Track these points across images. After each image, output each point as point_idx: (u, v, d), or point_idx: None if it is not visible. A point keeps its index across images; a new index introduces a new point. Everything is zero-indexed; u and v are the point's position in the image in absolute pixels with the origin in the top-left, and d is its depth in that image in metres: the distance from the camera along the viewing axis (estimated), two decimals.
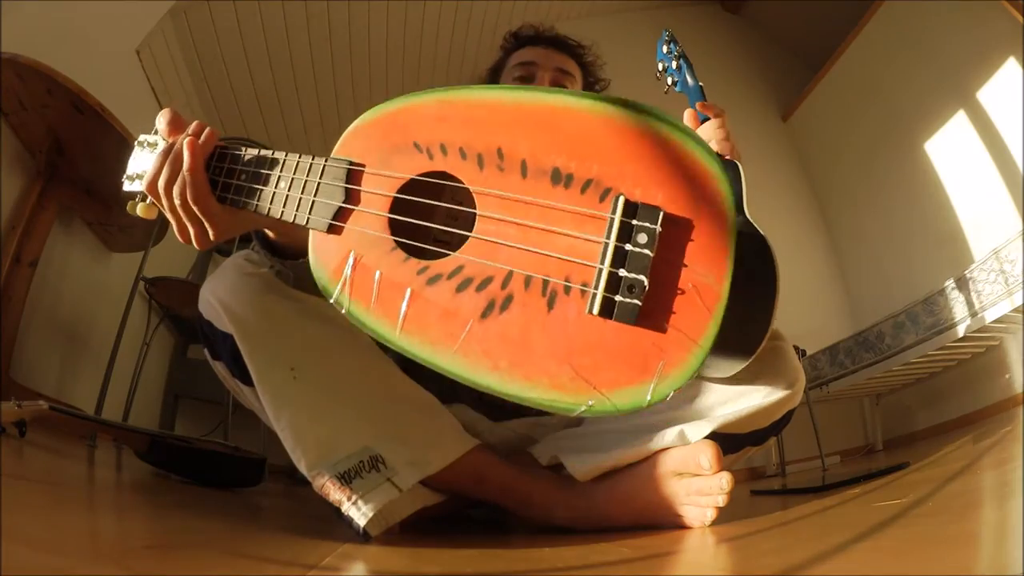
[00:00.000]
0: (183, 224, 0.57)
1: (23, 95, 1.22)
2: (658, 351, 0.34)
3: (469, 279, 0.37)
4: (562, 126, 0.37)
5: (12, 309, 1.26)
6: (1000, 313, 1.82)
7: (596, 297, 0.34)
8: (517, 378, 0.36)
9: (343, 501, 0.56)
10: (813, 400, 2.00)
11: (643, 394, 0.36)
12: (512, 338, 0.35)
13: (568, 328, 0.35)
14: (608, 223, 0.35)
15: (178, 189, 0.54)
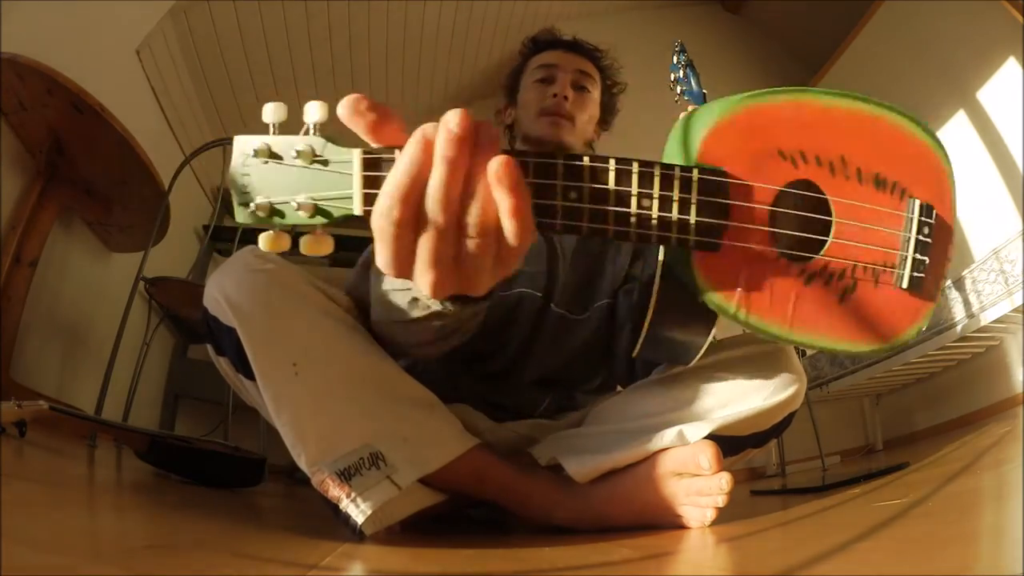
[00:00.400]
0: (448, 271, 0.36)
1: (23, 95, 1.22)
2: (925, 305, 0.48)
3: (832, 274, 0.46)
4: (879, 135, 0.47)
5: (12, 309, 1.26)
6: (1000, 313, 1.82)
7: (904, 277, 0.47)
8: (873, 341, 0.47)
9: (342, 498, 0.56)
10: (813, 400, 2.00)
11: (913, 332, 0.48)
12: (865, 315, 0.46)
13: (882, 298, 0.47)
14: (906, 221, 0.47)
15: (480, 206, 0.34)
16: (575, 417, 0.80)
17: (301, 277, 0.64)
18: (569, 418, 0.81)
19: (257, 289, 0.60)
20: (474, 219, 0.34)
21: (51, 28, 1.38)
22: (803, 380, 0.66)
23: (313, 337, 0.60)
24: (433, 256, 0.35)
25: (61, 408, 0.96)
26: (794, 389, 0.65)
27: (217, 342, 0.63)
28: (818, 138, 0.45)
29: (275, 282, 0.61)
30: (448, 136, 0.33)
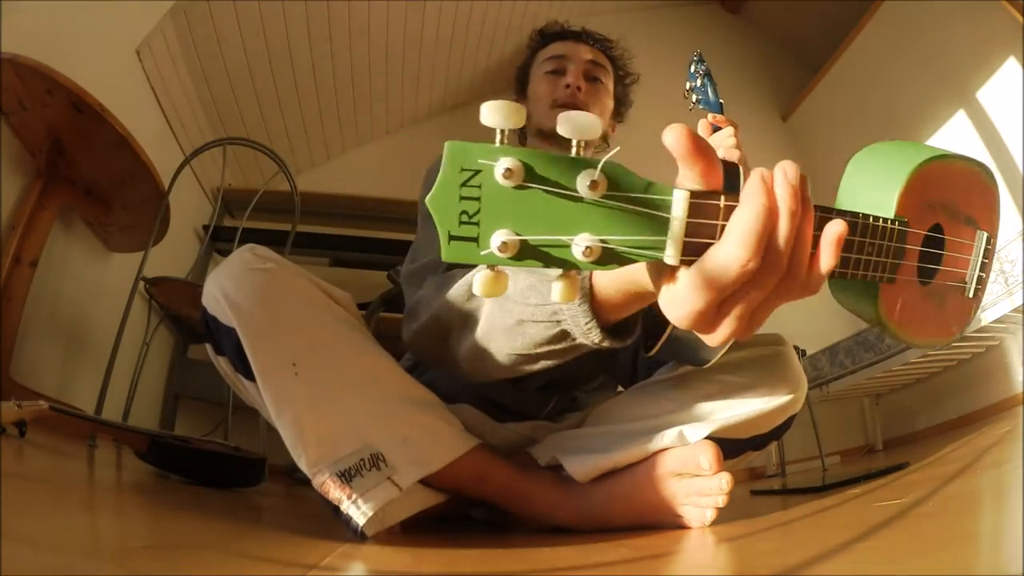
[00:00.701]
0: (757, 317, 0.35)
1: (23, 95, 1.22)
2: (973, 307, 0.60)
3: (935, 294, 0.56)
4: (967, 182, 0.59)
5: (12, 309, 1.26)
6: (1000, 313, 1.82)
7: (971, 289, 0.57)
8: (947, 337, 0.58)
9: (342, 499, 0.56)
10: (813, 400, 2.00)
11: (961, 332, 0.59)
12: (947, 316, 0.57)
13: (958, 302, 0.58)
14: (976, 250, 0.57)
15: (799, 259, 0.34)
16: (576, 418, 0.80)
17: (301, 276, 0.63)
18: (571, 419, 0.81)
19: (257, 288, 0.59)
20: (795, 270, 0.34)
21: (51, 28, 1.38)
22: (804, 384, 0.66)
23: (313, 337, 0.60)
24: (752, 306, 0.33)
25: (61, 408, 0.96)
26: (795, 392, 0.65)
27: (216, 342, 0.63)
28: (946, 191, 0.57)
29: (275, 281, 0.61)
30: (792, 190, 0.33)
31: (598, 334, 0.46)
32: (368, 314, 1.60)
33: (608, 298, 0.45)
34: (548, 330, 0.49)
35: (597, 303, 0.45)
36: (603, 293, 0.45)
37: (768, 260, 0.32)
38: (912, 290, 0.53)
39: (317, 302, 0.62)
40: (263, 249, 0.64)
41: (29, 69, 1.16)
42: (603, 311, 0.46)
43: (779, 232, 0.32)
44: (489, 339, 0.55)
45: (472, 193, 0.29)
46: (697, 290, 0.32)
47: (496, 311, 0.53)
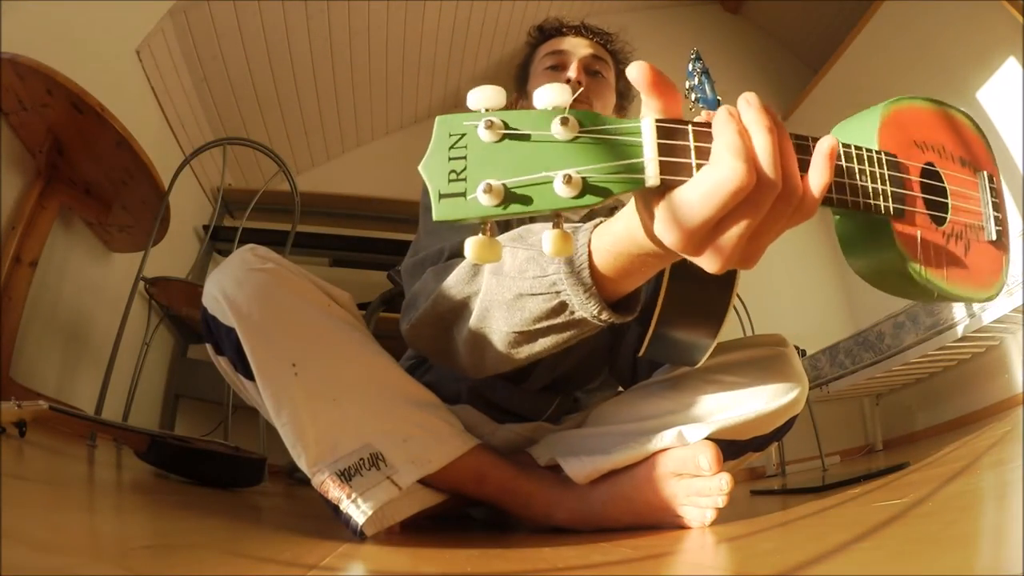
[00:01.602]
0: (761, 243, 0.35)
1: (23, 95, 1.22)
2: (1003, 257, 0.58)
3: (957, 235, 0.54)
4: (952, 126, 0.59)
5: (12, 309, 1.26)
6: (1000, 313, 1.82)
7: (992, 231, 0.56)
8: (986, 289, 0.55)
9: (342, 499, 0.56)
10: (813, 400, 2.00)
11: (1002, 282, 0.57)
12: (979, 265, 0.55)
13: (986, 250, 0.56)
14: (982, 188, 0.57)
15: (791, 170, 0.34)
16: (576, 418, 0.80)
17: (301, 276, 0.63)
18: (571, 420, 0.81)
19: (257, 288, 0.59)
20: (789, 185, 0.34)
21: (51, 28, 1.38)
22: (805, 384, 0.66)
23: (313, 337, 0.60)
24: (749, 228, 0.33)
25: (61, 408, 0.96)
26: (796, 393, 0.65)
27: (216, 342, 0.63)
28: (928, 131, 0.57)
29: (275, 281, 0.61)
30: (760, 110, 0.34)
31: (596, 304, 0.46)
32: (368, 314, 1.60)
33: (607, 265, 0.44)
34: (547, 302, 0.48)
35: (596, 272, 0.45)
36: (601, 260, 0.44)
37: (761, 177, 0.32)
38: (929, 230, 0.52)
39: (317, 302, 0.62)
40: (263, 249, 0.64)
41: (29, 69, 1.16)
42: (603, 282, 0.45)
43: (762, 147, 0.32)
44: (488, 318, 0.54)
45: (459, 153, 0.32)
46: (692, 206, 0.32)
47: (495, 287, 0.52)
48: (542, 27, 1.00)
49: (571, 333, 0.51)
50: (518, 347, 0.54)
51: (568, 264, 0.46)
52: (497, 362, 0.58)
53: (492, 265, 0.53)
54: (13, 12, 1.23)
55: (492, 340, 0.55)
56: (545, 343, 0.53)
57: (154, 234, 1.51)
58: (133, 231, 1.62)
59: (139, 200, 1.51)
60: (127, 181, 1.44)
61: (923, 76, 2.56)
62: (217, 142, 1.90)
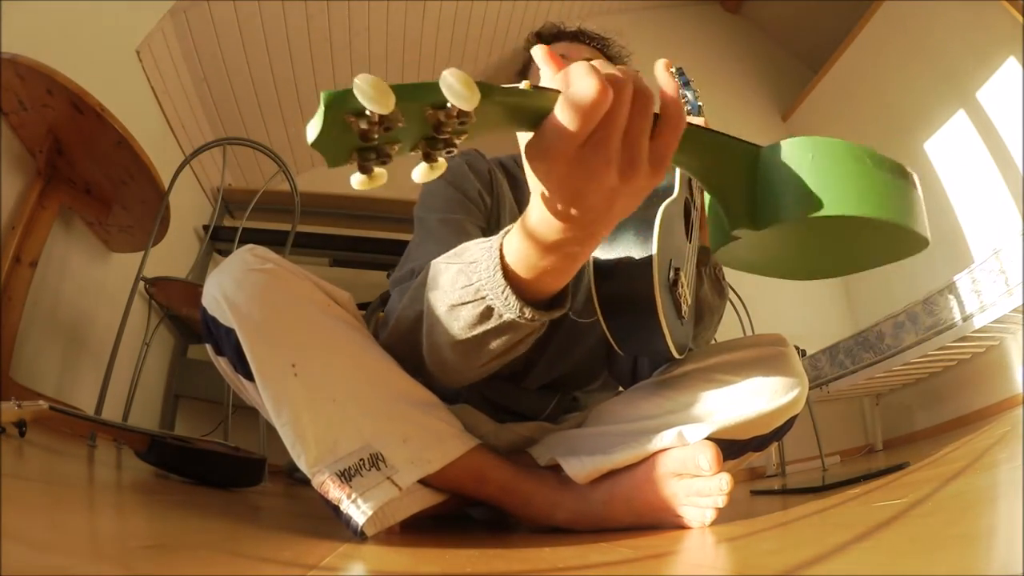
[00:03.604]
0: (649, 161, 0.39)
1: (23, 95, 1.22)
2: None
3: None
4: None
5: (12, 309, 1.26)
6: (1000, 313, 1.82)
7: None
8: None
9: (342, 499, 0.56)
10: (813, 400, 2.01)
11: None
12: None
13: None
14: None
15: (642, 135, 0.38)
16: (577, 418, 0.80)
17: (301, 276, 0.63)
18: (571, 419, 0.81)
19: (256, 288, 0.59)
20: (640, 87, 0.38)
21: (51, 28, 1.38)
22: (805, 384, 0.66)
23: (312, 337, 0.60)
24: (615, 139, 0.37)
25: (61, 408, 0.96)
26: (796, 393, 0.65)
27: (216, 342, 0.63)
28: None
29: (274, 281, 0.60)
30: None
31: (517, 303, 0.48)
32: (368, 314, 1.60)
33: (518, 264, 0.47)
34: (475, 309, 0.51)
35: (510, 273, 0.48)
36: (513, 260, 0.47)
37: (615, 84, 0.36)
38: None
39: (317, 302, 0.62)
40: (263, 249, 0.64)
41: (29, 69, 1.16)
42: (519, 282, 0.48)
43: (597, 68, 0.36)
44: (434, 332, 0.57)
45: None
46: (558, 126, 0.36)
47: (433, 302, 0.55)
48: (540, 33, 1.00)
49: (510, 336, 0.52)
50: (468, 356, 0.56)
51: (488, 270, 0.49)
52: (461, 371, 0.60)
53: (431, 281, 0.56)
54: (13, 12, 1.23)
55: (444, 353, 0.58)
56: (493, 349, 0.54)
57: (154, 234, 1.51)
58: (133, 231, 1.62)
59: (139, 200, 1.51)
60: (127, 181, 1.44)
61: (923, 76, 2.56)
62: (217, 142, 1.90)
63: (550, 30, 0.99)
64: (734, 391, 0.64)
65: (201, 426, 1.94)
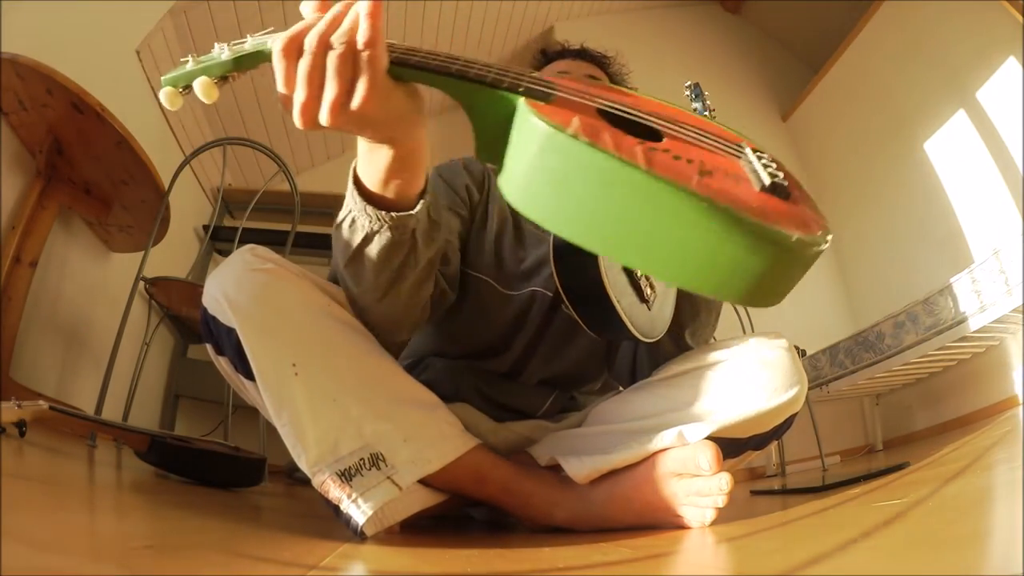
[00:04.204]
0: (318, 87, 0.45)
1: (23, 95, 1.22)
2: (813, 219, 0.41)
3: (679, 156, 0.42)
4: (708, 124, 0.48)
5: (12, 309, 1.26)
6: (1000, 313, 1.82)
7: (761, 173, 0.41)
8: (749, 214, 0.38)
9: (342, 499, 0.56)
10: (813, 400, 2.00)
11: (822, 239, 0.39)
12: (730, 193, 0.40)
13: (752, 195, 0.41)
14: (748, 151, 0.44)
15: (344, 34, 0.44)
16: (576, 418, 0.80)
17: (302, 276, 0.63)
18: (570, 419, 0.81)
19: (257, 288, 0.59)
20: (339, 36, 0.44)
21: (51, 28, 1.38)
22: (804, 382, 0.66)
23: (313, 337, 0.60)
24: (320, 58, 0.45)
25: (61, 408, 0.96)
26: (795, 391, 0.65)
27: (217, 342, 0.63)
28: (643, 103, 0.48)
29: (275, 281, 0.61)
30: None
31: (365, 205, 0.55)
32: None
33: (364, 178, 0.55)
34: (348, 226, 0.57)
35: (361, 186, 0.55)
36: (360, 175, 0.55)
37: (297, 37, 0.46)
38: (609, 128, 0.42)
39: (317, 302, 0.62)
40: (263, 249, 0.64)
41: (29, 69, 1.16)
42: (370, 194, 0.55)
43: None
44: (337, 269, 0.63)
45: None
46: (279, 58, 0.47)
47: (333, 242, 0.62)
48: (545, 51, 1.04)
49: (381, 244, 0.57)
50: (359, 277, 0.61)
51: (350, 192, 0.56)
52: (368, 303, 0.63)
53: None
54: (13, 12, 1.23)
55: (347, 285, 0.63)
56: (374, 260, 0.58)
57: (154, 234, 1.51)
58: (133, 231, 1.62)
59: (139, 200, 1.51)
60: (127, 181, 1.44)
61: (923, 76, 2.56)
62: (217, 142, 1.90)
63: (555, 48, 1.04)
64: (734, 390, 0.64)
65: (201, 426, 1.94)
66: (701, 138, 0.46)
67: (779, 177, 0.41)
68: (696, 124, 0.48)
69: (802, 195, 0.44)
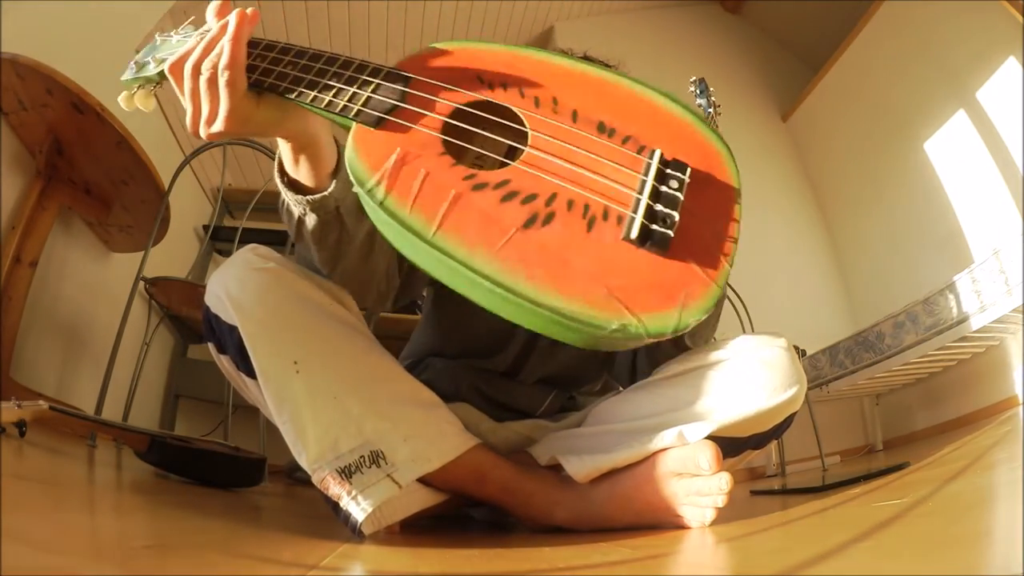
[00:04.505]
0: (199, 105, 0.52)
1: (23, 95, 1.22)
2: (682, 283, 0.37)
3: (515, 192, 0.38)
4: (611, 93, 0.43)
5: (12, 309, 1.26)
6: (1000, 313, 1.82)
7: (635, 222, 0.37)
8: (552, 289, 0.35)
9: (342, 496, 0.56)
10: (813, 400, 2.00)
11: (668, 320, 0.36)
12: (551, 251, 0.36)
13: (605, 251, 0.37)
14: (645, 166, 0.39)
15: (210, 61, 0.51)
16: (576, 417, 0.80)
17: (303, 276, 0.64)
18: (570, 418, 0.81)
19: (259, 287, 0.60)
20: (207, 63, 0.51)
21: (51, 28, 1.38)
22: (804, 381, 0.66)
23: (314, 335, 0.60)
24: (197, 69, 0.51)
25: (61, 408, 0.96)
26: (795, 390, 0.65)
27: (219, 340, 0.63)
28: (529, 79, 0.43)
29: (277, 280, 0.61)
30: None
31: (286, 190, 0.60)
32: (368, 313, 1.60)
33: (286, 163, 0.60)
34: (287, 211, 0.62)
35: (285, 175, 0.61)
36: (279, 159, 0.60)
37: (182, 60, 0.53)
38: (430, 157, 0.40)
39: (318, 301, 0.63)
40: (265, 249, 0.64)
41: (29, 69, 1.16)
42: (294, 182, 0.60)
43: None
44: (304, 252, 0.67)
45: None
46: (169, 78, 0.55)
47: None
48: None
49: (312, 226, 0.61)
50: (308, 252, 0.65)
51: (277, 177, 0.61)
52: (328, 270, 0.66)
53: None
54: (13, 12, 1.23)
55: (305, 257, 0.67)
56: (309, 239, 0.62)
57: (154, 234, 1.51)
58: (133, 231, 1.62)
59: (139, 200, 1.51)
60: (127, 181, 1.44)
61: (923, 76, 2.56)
62: (217, 142, 1.90)
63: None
64: (733, 389, 0.64)
65: (201, 426, 1.94)
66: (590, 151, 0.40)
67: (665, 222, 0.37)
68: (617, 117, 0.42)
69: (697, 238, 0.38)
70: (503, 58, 0.45)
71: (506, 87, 0.43)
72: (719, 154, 0.42)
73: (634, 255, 0.37)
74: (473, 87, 0.43)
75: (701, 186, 0.40)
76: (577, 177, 0.39)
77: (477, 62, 0.45)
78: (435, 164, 0.40)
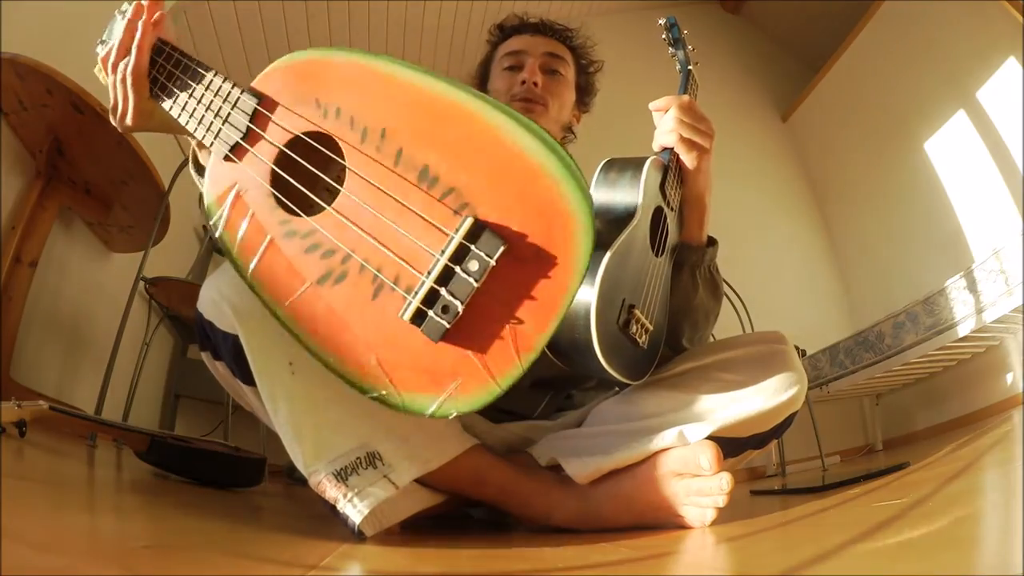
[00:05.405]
0: (117, 99, 0.61)
1: (23, 95, 1.22)
2: (454, 374, 0.35)
3: (317, 245, 0.38)
4: (453, 127, 0.36)
5: (12, 309, 1.26)
6: (1000, 313, 1.82)
7: (411, 306, 0.36)
8: (329, 350, 0.37)
9: (339, 498, 0.56)
10: (813, 400, 2.00)
11: (428, 405, 0.36)
12: (336, 312, 0.37)
13: (384, 321, 0.36)
14: (448, 240, 0.35)
15: (123, 64, 0.60)
16: (573, 417, 0.80)
17: None
18: (568, 417, 0.81)
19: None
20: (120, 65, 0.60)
21: (51, 28, 1.38)
22: (804, 381, 0.66)
23: None
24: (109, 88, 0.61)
25: (61, 408, 0.96)
26: (795, 390, 0.65)
27: (213, 347, 0.63)
28: (363, 102, 0.39)
29: None
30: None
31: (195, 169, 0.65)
32: None
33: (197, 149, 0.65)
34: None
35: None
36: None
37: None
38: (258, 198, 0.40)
39: None
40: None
41: (29, 69, 1.16)
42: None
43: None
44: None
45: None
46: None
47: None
48: (502, 25, 1.01)
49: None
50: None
51: None
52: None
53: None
54: (13, 12, 1.23)
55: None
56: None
57: (154, 234, 1.51)
58: (133, 231, 1.62)
59: (139, 200, 1.50)
60: (127, 181, 1.44)
61: (923, 76, 2.56)
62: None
63: (512, 22, 1.00)
64: (734, 389, 0.64)
65: (201, 426, 1.94)
66: (405, 201, 0.37)
67: (445, 311, 0.34)
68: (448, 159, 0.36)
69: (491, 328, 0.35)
70: (344, 73, 0.41)
71: (339, 113, 0.40)
72: (568, 218, 0.34)
73: (411, 332, 0.36)
74: (310, 114, 0.41)
75: (520, 264, 0.34)
76: (381, 233, 0.36)
77: (320, 81, 0.43)
78: (261, 203, 0.41)
